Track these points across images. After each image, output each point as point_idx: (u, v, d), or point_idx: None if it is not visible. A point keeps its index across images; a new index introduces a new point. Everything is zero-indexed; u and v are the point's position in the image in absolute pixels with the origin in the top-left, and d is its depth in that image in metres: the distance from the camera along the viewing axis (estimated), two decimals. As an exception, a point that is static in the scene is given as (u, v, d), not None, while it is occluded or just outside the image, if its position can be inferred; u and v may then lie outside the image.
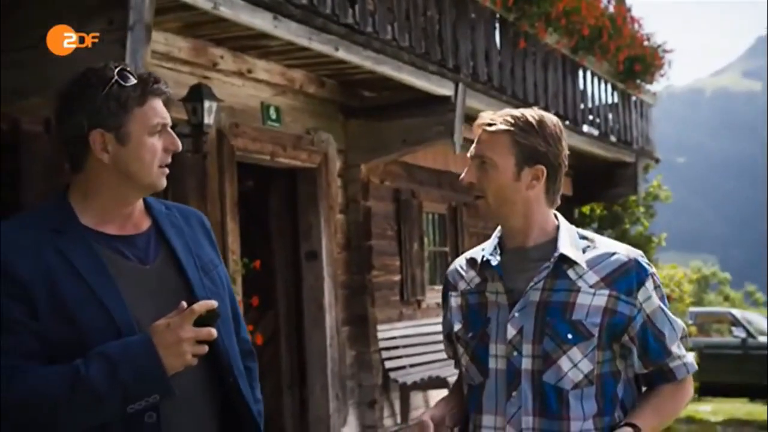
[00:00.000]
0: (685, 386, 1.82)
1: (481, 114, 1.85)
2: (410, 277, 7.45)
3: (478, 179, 1.80)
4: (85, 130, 1.61)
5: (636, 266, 1.76)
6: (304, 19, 4.82)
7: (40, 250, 1.56)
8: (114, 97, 1.60)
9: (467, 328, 1.84)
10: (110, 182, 1.64)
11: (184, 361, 1.54)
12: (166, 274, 1.67)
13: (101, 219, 1.65)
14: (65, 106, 1.64)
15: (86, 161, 1.63)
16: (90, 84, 1.62)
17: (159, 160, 1.65)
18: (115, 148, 1.62)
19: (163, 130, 1.66)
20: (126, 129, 1.61)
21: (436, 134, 6.35)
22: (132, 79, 1.62)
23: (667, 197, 11.58)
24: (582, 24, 7.84)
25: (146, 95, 1.63)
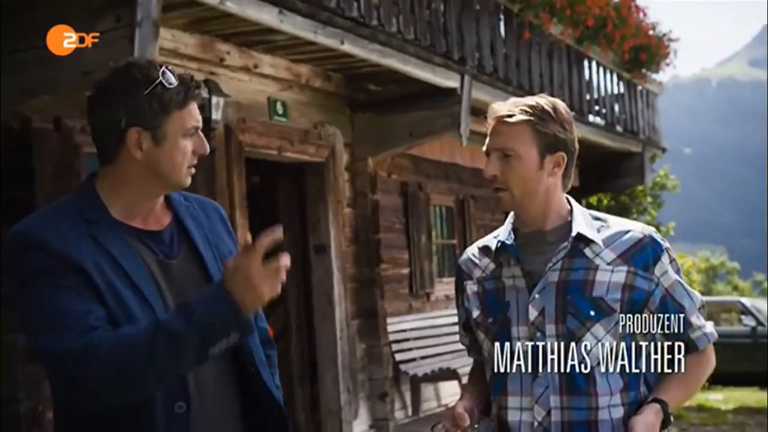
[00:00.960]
0: (708, 355, 1.85)
1: (492, 106, 1.85)
2: (419, 270, 7.48)
3: (502, 171, 1.80)
4: (122, 125, 1.61)
5: (651, 242, 1.79)
6: (310, 13, 4.84)
7: (79, 236, 1.59)
8: (157, 98, 1.61)
9: (486, 314, 1.86)
10: (139, 178, 1.66)
11: (258, 295, 1.54)
12: (188, 270, 1.70)
13: (128, 212, 1.67)
14: (104, 98, 1.64)
15: (118, 155, 1.65)
16: (134, 80, 1.61)
17: (188, 161, 1.67)
18: (150, 146, 1.63)
19: (195, 133, 1.68)
20: (163, 130, 1.63)
21: (442, 126, 6.37)
22: (174, 80, 1.63)
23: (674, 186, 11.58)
24: (587, 14, 7.84)
25: (187, 99, 1.64)
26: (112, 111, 1.62)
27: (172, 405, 1.58)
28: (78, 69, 3.87)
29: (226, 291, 1.53)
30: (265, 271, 1.54)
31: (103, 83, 1.65)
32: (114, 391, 1.52)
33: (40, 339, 1.53)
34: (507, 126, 1.79)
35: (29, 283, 1.56)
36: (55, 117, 4.42)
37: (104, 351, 1.49)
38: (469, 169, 8.42)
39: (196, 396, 1.61)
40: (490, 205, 8.94)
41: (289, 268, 1.59)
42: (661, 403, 1.74)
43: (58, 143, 4.45)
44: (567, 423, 1.74)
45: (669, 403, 1.75)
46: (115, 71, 1.65)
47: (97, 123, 1.66)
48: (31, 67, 3.91)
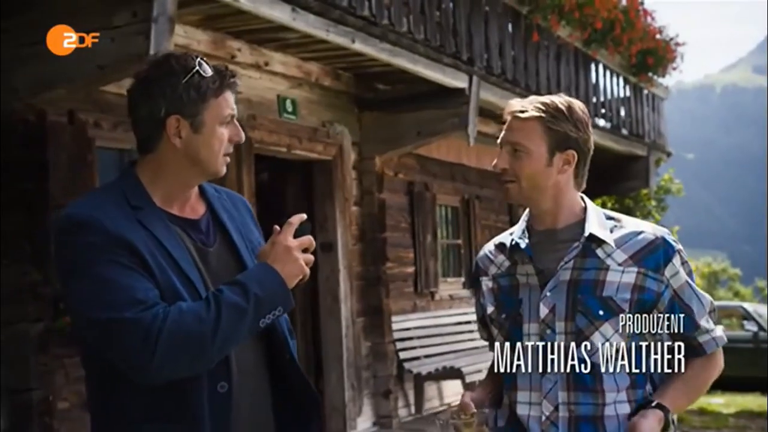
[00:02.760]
0: (716, 359, 1.86)
1: (510, 102, 1.89)
2: (424, 269, 7.52)
3: (511, 165, 1.84)
4: (162, 114, 1.67)
5: (663, 243, 1.81)
6: (322, 11, 4.89)
7: (129, 220, 1.64)
8: (194, 87, 1.66)
9: (500, 310, 1.89)
10: (178, 166, 1.71)
11: (299, 268, 1.66)
12: (224, 258, 1.75)
13: (167, 200, 1.72)
14: (144, 89, 1.69)
15: (158, 144, 1.70)
16: (172, 70, 1.67)
17: (225, 148, 1.72)
18: (189, 134, 1.68)
19: (231, 121, 1.73)
20: (201, 117, 1.68)
21: (450, 126, 6.41)
22: (210, 70, 1.69)
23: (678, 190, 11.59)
24: (595, 17, 7.87)
25: (223, 87, 1.69)
26: (152, 101, 1.67)
27: (215, 385, 1.64)
28: (93, 63, 3.92)
29: (271, 266, 1.63)
30: (299, 242, 1.66)
31: (143, 74, 1.70)
32: (181, 361, 1.57)
33: (105, 312, 1.56)
34: (519, 121, 1.83)
35: (86, 260, 1.59)
36: (69, 110, 4.47)
37: (172, 322, 1.55)
38: (474, 170, 8.46)
39: (237, 377, 1.67)
40: (495, 205, 8.98)
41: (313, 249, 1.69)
42: (663, 409, 1.75)
43: (71, 137, 4.49)
44: (574, 418, 1.77)
45: (671, 407, 1.76)
46: (153, 62, 1.71)
47: (138, 113, 1.70)
48: (48, 60, 3.95)
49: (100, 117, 4.67)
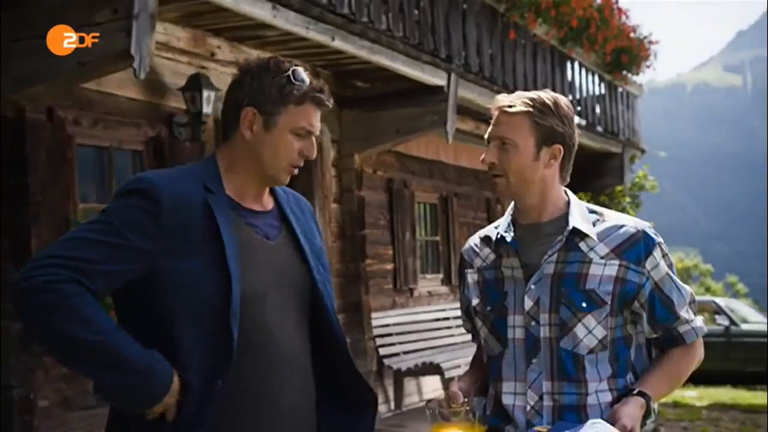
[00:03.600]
0: (695, 349, 1.90)
1: (497, 97, 1.92)
2: (403, 266, 7.56)
3: (499, 159, 1.86)
4: (243, 103, 1.73)
5: (644, 237, 1.85)
6: (302, 8, 4.90)
7: (194, 200, 1.69)
8: (278, 87, 1.73)
9: (485, 303, 1.92)
10: (245, 160, 1.76)
11: None
12: (286, 252, 1.81)
13: (238, 191, 1.77)
14: (239, 79, 1.76)
15: (234, 133, 1.76)
16: (266, 67, 1.75)
17: (291, 158, 1.76)
18: (259, 130, 1.74)
19: (306, 135, 1.77)
20: (275, 118, 1.73)
21: (429, 124, 6.45)
22: (303, 80, 1.74)
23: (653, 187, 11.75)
24: (571, 15, 7.95)
25: (305, 98, 1.74)
26: (240, 90, 1.75)
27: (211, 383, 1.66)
28: (75, 60, 3.90)
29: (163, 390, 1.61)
30: None
31: (245, 67, 1.78)
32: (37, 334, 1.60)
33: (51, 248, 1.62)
34: (507, 116, 1.86)
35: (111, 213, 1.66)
36: (49, 107, 4.44)
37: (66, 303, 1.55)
38: (453, 167, 8.51)
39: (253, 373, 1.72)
40: (473, 202, 9.05)
41: None
42: (645, 396, 1.79)
43: (51, 133, 4.47)
44: (558, 407, 1.80)
45: (653, 395, 1.80)
46: (258, 59, 1.79)
47: (227, 99, 1.78)
48: (29, 57, 3.94)
49: (80, 114, 4.65)
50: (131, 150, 5.02)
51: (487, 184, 9.24)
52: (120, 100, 4.86)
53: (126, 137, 4.95)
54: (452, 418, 1.81)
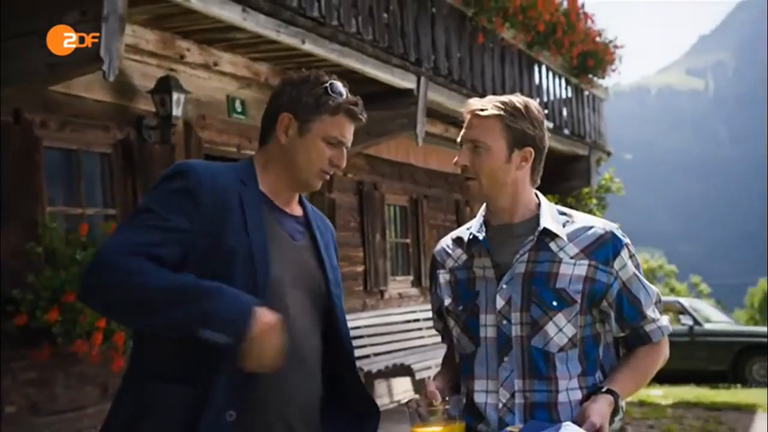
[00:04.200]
0: (661, 347, 1.94)
1: (469, 101, 1.95)
2: (373, 268, 7.58)
3: (471, 162, 1.90)
4: (281, 109, 1.85)
5: (612, 238, 1.89)
6: (272, 11, 4.90)
7: (230, 189, 1.78)
8: (315, 96, 1.84)
9: (457, 302, 1.94)
10: (280, 164, 1.86)
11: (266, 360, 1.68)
12: (308, 255, 1.90)
13: (271, 190, 1.87)
14: (279, 90, 1.89)
15: (270, 137, 1.87)
16: (306, 78, 1.87)
17: (322, 164, 1.86)
18: (294, 135, 1.85)
19: (337, 145, 1.87)
20: (309, 125, 1.84)
21: (399, 126, 6.48)
22: (340, 93, 1.87)
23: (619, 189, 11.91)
24: (538, 20, 8.03)
25: (340, 109, 1.86)
26: (279, 98, 1.87)
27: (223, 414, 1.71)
28: (43, 62, 3.87)
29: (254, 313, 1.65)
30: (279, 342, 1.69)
31: (287, 79, 1.91)
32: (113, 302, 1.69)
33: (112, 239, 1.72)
34: (479, 119, 1.89)
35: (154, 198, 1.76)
36: (15, 110, 4.39)
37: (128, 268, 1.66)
38: (423, 170, 8.56)
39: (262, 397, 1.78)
40: (443, 205, 9.11)
41: None
42: (613, 394, 1.81)
43: (18, 136, 4.42)
44: (529, 404, 1.83)
45: (620, 393, 1.83)
46: (300, 73, 1.91)
47: (268, 108, 1.90)
48: (-2, 59, 3.90)
49: (48, 117, 4.60)
50: (100, 153, 4.98)
51: (456, 187, 9.31)
52: (88, 102, 4.82)
53: (94, 140, 4.91)
54: (430, 417, 1.83)
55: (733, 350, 11.54)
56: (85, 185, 4.87)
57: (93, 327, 4.24)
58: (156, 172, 5.19)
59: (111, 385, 4.72)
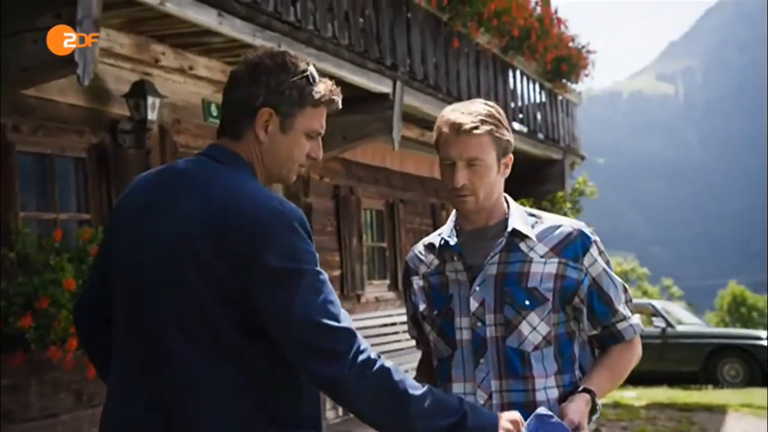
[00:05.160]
0: (634, 345, 1.98)
1: (449, 117, 1.92)
2: (350, 272, 7.58)
3: (470, 180, 1.89)
4: (259, 102, 1.65)
5: (580, 235, 1.93)
6: (248, 16, 4.89)
7: None
8: (299, 88, 1.66)
9: (431, 307, 1.96)
10: (257, 161, 1.70)
11: None
12: None
13: None
14: (251, 73, 1.67)
15: (245, 133, 1.68)
16: (285, 65, 1.66)
17: (302, 159, 1.73)
18: (275, 131, 1.68)
19: (315, 137, 1.73)
20: (293, 120, 1.68)
21: (375, 131, 6.49)
22: (318, 81, 1.70)
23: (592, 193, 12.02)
24: (512, 25, 8.10)
25: (323, 101, 1.70)
26: (255, 86, 1.65)
27: None
28: (17, 65, 3.83)
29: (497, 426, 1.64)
30: None
31: (255, 59, 1.68)
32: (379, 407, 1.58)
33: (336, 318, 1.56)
34: (473, 137, 1.88)
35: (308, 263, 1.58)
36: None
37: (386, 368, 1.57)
38: (398, 174, 8.58)
39: None
40: (419, 209, 9.13)
41: None
42: (590, 393, 1.85)
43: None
44: (507, 405, 1.85)
45: (597, 391, 1.86)
46: (269, 53, 1.70)
47: (235, 94, 1.68)
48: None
49: (20, 121, 4.55)
50: (74, 157, 4.93)
51: (432, 191, 9.35)
52: (61, 106, 4.78)
53: (68, 144, 4.86)
54: None
55: (704, 352, 11.69)
56: (59, 190, 4.82)
57: (67, 333, 4.20)
58: (131, 176, 5.12)
59: (85, 391, 4.67)
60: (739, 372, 11.54)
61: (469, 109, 1.92)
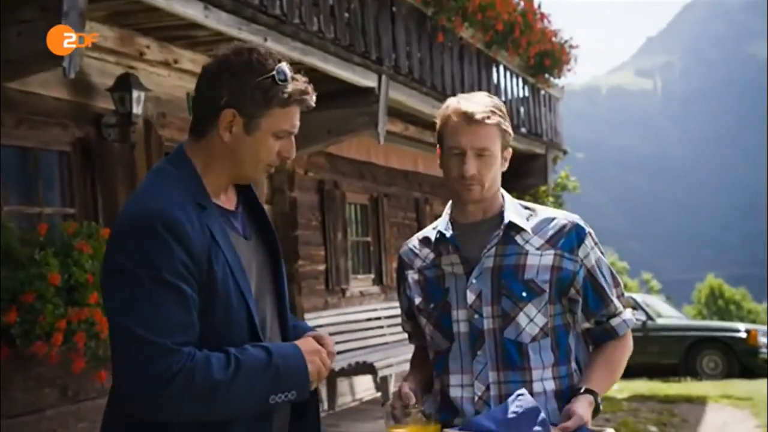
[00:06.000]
0: (627, 340, 2.00)
1: (459, 106, 1.92)
2: (335, 267, 7.58)
3: (479, 170, 1.89)
4: (221, 103, 1.61)
5: (575, 227, 1.95)
6: (234, 9, 4.87)
7: (198, 224, 1.59)
8: (263, 89, 1.60)
9: (428, 300, 1.97)
10: (221, 159, 1.65)
11: (322, 376, 1.67)
12: (260, 249, 1.75)
13: (214, 191, 1.68)
14: (216, 72, 1.63)
15: (208, 131, 1.65)
16: (249, 65, 1.61)
17: (270, 160, 1.67)
18: (239, 133, 1.63)
19: (286, 136, 1.67)
20: (258, 122, 1.62)
21: (360, 125, 6.49)
22: (288, 79, 1.63)
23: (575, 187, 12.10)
24: (496, 19, 8.13)
25: (291, 101, 1.63)
26: (217, 86, 1.61)
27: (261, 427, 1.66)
28: (1, 58, 3.79)
29: (302, 352, 1.63)
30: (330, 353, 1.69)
31: (221, 57, 1.64)
32: (185, 407, 1.54)
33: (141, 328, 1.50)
34: (483, 127, 1.89)
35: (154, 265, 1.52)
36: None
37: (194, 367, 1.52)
38: (383, 168, 8.59)
39: None
40: (403, 203, 9.15)
41: None
42: (593, 394, 1.86)
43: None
44: (505, 396, 1.86)
45: (599, 390, 1.88)
46: (235, 49, 1.65)
47: (201, 93, 1.65)
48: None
49: (3, 114, 4.50)
50: (58, 151, 4.89)
51: (416, 185, 9.36)
52: (45, 99, 4.73)
53: (52, 138, 4.82)
54: (404, 418, 1.86)
55: (684, 344, 11.83)
56: (43, 184, 4.78)
57: (53, 328, 4.17)
58: (116, 170, 5.11)
59: (70, 387, 4.64)
60: (718, 364, 11.69)
61: (478, 100, 1.93)
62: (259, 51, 1.64)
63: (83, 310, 4.30)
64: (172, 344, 1.50)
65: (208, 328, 1.58)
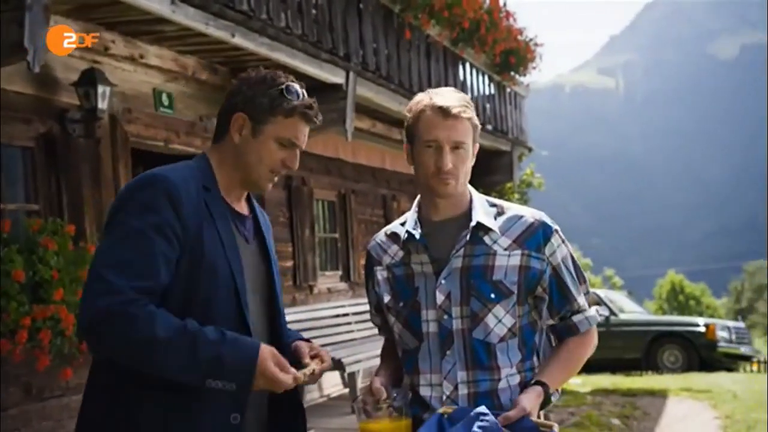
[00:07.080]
0: (590, 337, 2.02)
1: (435, 101, 1.92)
2: (302, 263, 7.57)
3: (455, 164, 1.90)
4: (235, 109, 1.86)
5: (542, 225, 1.96)
6: (202, 4, 4.84)
7: (197, 198, 1.80)
8: (270, 98, 1.84)
9: (397, 299, 1.98)
10: (232, 162, 1.88)
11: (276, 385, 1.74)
12: (259, 258, 1.93)
13: (226, 190, 1.88)
14: (236, 86, 1.89)
15: (224, 135, 1.89)
16: (263, 79, 1.87)
17: (273, 166, 1.87)
18: (246, 135, 1.86)
19: (290, 147, 1.88)
20: (263, 126, 1.85)
21: (328, 121, 6.48)
22: (296, 96, 1.86)
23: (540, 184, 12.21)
24: (463, 17, 8.17)
25: (294, 112, 1.85)
26: (235, 95, 1.88)
27: (228, 416, 1.75)
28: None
29: (259, 355, 1.70)
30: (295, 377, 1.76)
31: (243, 76, 1.91)
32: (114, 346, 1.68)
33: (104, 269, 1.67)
34: (459, 121, 1.90)
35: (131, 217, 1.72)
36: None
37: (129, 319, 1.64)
38: (350, 165, 8.59)
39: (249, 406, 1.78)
40: (370, 200, 9.16)
41: None
42: (543, 386, 1.87)
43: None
44: (473, 394, 1.89)
45: (550, 384, 1.90)
46: (258, 70, 1.92)
47: (223, 106, 1.91)
48: None
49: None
50: (21, 147, 4.81)
51: (383, 182, 9.38)
52: (8, 94, 4.65)
53: (15, 133, 4.74)
54: (375, 413, 1.87)
55: (645, 339, 12.02)
56: (6, 180, 4.70)
57: (18, 325, 4.11)
58: (81, 166, 5.05)
59: (35, 385, 4.58)
60: (678, 358, 11.91)
61: (450, 95, 1.94)
62: (277, 72, 1.90)
63: (48, 308, 4.25)
64: (126, 286, 1.64)
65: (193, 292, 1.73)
